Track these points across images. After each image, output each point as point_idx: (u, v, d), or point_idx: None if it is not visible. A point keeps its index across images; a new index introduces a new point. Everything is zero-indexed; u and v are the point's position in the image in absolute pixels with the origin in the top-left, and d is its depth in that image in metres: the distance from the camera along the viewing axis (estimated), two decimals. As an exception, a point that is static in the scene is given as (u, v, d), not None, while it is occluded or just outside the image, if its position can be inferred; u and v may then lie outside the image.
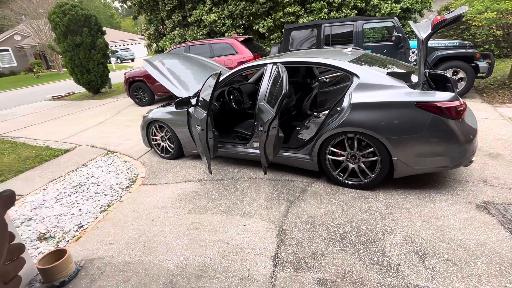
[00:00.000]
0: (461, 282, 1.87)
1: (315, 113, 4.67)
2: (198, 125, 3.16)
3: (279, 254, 2.28)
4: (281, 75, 2.72)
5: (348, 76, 3.03)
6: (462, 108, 2.59)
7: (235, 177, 3.63)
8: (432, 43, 5.95)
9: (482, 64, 5.61)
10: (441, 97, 2.59)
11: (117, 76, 16.15)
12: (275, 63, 3.29)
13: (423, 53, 2.64)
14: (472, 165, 3.26)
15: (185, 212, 2.99)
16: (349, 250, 2.24)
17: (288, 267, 2.14)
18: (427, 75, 3.14)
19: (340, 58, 3.20)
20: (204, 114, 3.06)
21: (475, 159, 3.39)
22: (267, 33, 10.68)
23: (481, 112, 4.97)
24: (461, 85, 5.80)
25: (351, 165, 3.03)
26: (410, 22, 3.03)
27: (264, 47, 10.16)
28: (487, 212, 2.51)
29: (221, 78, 3.63)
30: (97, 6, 54.65)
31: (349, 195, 2.97)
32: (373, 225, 2.49)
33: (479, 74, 5.74)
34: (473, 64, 5.64)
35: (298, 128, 3.92)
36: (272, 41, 10.42)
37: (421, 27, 2.74)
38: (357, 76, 2.91)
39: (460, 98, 2.66)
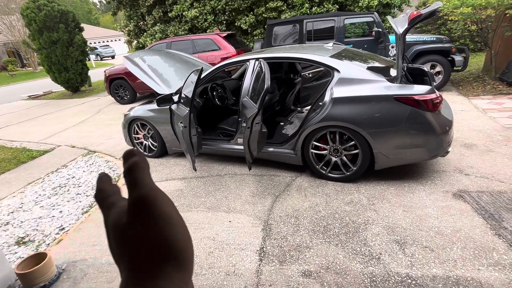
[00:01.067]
0: (438, 268, 1.96)
1: (299, 108, 4.71)
2: (181, 122, 3.13)
3: (264, 248, 2.30)
4: (263, 71, 2.72)
5: (329, 71, 3.07)
6: (438, 101, 2.68)
7: (220, 173, 3.62)
8: (410, 37, 6.11)
9: (458, 58, 5.82)
10: (418, 90, 2.67)
11: (97, 74, 15.66)
12: (257, 59, 3.28)
13: (401, 48, 2.71)
14: (449, 156, 3.39)
15: (170, 210, 2.96)
16: (332, 242, 2.29)
17: (273, 261, 2.17)
18: (405, 69, 3.23)
19: (321, 53, 3.23)
20: (187, 111, 3.03)
21: (452, 150, 3.52)
22: (249, 29, 10.64)
23: (457, 105, 5.16)
24: (438, 79, 5.99)
25: (333, 159, 3.08)
26: (388, 17, 3.10)
27: (248, 43, 10.12)
28: (463, 200, 2.62)
29: (203, 75, 3.60)
30: (74, 1, 52.68)
31: (333, 188, 3.03)
32: (356, 216, 2.56)
33: (455, 68, 5.94)
34: (449, 58, 5.83)
35: (282, 124, 3.95)
36: (255, 37, 10.39)
37: (399, 22, 2.81)
38: (338, 71, 2.95)
39: (436, 91, 2.75)
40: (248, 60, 3.45)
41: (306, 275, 2.02)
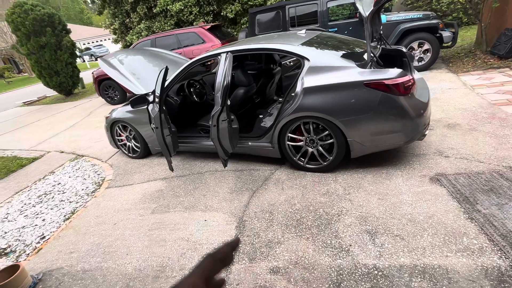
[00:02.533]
0: (406, 257, 1.93)
1: (280, 99, 4.63)
2: (152, 123, 3.09)
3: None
4: (225, 66, 2.66)
5: (299, 60, 2.99)
6: (410, 84, 2.60)
7: (201, 171, 3.61)
8: (396, 16, 5.92)
9: (446, 34, 5.62)
10: (388, 74, 2.58)
11: (91, 75, 15.61)
12: (227, 52, 3.20)
13: (369, 31, 2.61)
14: (430, 137, 3.32)
15: (148, 212, 2.97)
16: (304, 235, 2.27)
17: (243, 259, 2.16)
18: (379, 52, 3.12)
19: (292, 42, 3.13)
20: (157, 112, 2.99)
21: (434, 131, 3.44)
22: (237, 18, 10.42)
23: (445, 83, 5.03)
24: (427, 57, 5.82)
25: (310, 149, 3.04)
26: (356, 0, 2.98)
27: (236, 33, 9.93)
28: (439, 184, 2.57)
29: (177, 72, 3.53)
30: (65, 1, 52.12)
31: (310, 179, 2.99)
32: (330, 207, 2.52)
33: (444, 44, 5.76)
34: (437, 35, 5.65)
35: (261, 116, 3.89)
36: (243, 26, 10.18)
37: (365, 5, 2.69)
38: (308, 60, 2.87)
39: (408, 74, 2.66)
40: (219, 54, 3.37)
41: (274, 272, 2.01)
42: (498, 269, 1.73)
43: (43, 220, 3.25)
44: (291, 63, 4.88)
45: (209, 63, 5.19)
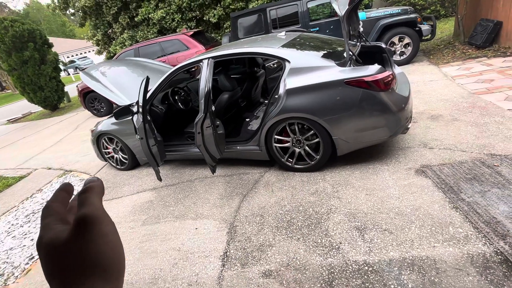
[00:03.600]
0: (395, 250, 1.95)
1: (266, 101, 4.65)
2: (137, 134, 3.07)
3: (228, 253, 2.29)
4: (207, 72, 2.66)
5: (281, 62, 3.01)
6: (389, 79, 2.64)
7: (190, 179, 3.59)
8: (376, 12, 6.02)
9: (425, 27, 5.74)
10: (368, 71, 2.62)
11: (76, 89, 15.39)
12: (208, 59, 3.20)
13: (346, 30, 2.64)
14: (414, 130, 3.37)
15: (138, 224, 2.93)
16: (294, 236, 2.28)
17: (236, 264, 2.16)
18: (357, 49, 3.17)
19: (272, 44, 3.16)
20: (141, 122, 2.97)
21: (418, 123, 3.50)
22: (220, 22, 10.44)
23: (427, 75, 5.13)
24: (408, 51, 5.93)
25: (297, 150, 3.05)
26: (331, 0, 3.01)
27: (219, 37, 9.94)
28: (425, 175, 2.61)
29: (160, 80, 3.51)
30: (47, 15, 51.37)
31: (299, 179, 3.01)
32: (319, 206, 2.54)
33: (423, 37, 5.87)
34: (416, 29, 5.76)
35: (247, 120, 3.90)
36: (226, 30, 10.20)
37: (341, 4, 2.73)
38: (288, 61, 2.89)
39: (387, 70, 2.71)
40: (201, 60, 3.37)
41: (266, 276, 2.01)
42: (483, 256, 1.77)
43: (32, 240, 3.18)
44: (275, 65, 4.91)
45: (193, 69, 5.18)
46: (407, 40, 5.86)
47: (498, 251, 1.77)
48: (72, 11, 11.42)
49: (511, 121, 3.12)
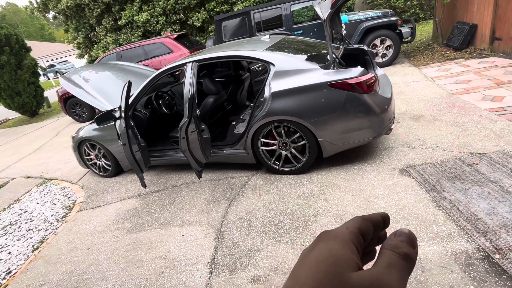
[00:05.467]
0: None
1: (252, 104, 4.64)
2: (120, 140, 2.99)
3: (215, 259, 2.25)
4: (191, 76, 2.63)
5: (265, 65, 3.01)
6: (372, 81, 2.68)
7: (176, 184, 3.53)
8: (357, 16, 6.13)
9: (405, 29, 5.90)
10: (351, 73, 2.65)
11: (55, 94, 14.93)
12: (192, 62, 3.17)
13: (329, 33, 2.67)
14: (397, 130, 3.44)
15: (123, 233, 2.85)
16: (282, 240, 2.27)
17: (223, 271, 2.12)
18: (340, 52, 3.21)
19: (256, 47, 3.15)
20: (123, 127, 2.90)
21: (400, 124, 3.58)
22: (205, 26, 10.38)
23: (408, 76, 5.26)
24: (389, 53, 6.07)
25: (283, 153, 3.05)
26: (314, 3, 3.05)
27: (204, 40, 9.88)
28: (408, 175, 2.66)
29: (143, 84, 3.44)
30: (24, 18, 49.74)
31: (286, 182, 3.00)
32: (306, 208, 2.54)
33: (404, 40, 6.03)
34: (397, 31, 5.90)
35: (233, 123, 3.87)
36: (211, 33, 10.16)
37: (324, 7, 2.76)
38: (273, 64, 2.89)
39: (370, 72, 2.75)
40: (185, 64, 3.33)
41: (255, 281, 1.98)
42: (466, 253, 1.81)
43: (9, 253, 3.04)
44: (260, 68, 4.91)
45: (177, 73, 5.12)
46: (388, 42, 6.00)
47: (480, 248, 1.81)
48: (53, 13, 11.07)
49: (488, 120, 3.23)
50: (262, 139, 3.06)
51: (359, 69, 2.69)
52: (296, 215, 2.50)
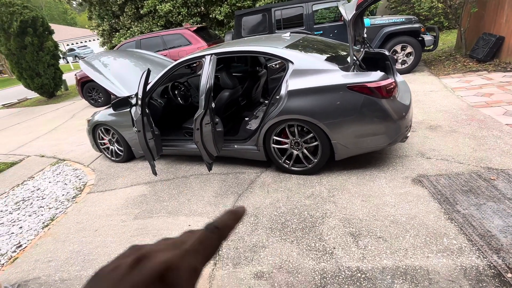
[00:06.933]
0: (389, 258, 1.95)
1: (266, 102, 4.63)
2: (134, 127, 3.03)
3: (220, 252, 2.26)
4: (209, 68, 2.63)
5: (284, 63, 2.99)
6: (392, 87, 2.63)
7: (186, 175, 3.55)
8: (380, 20, 6.03)
9: (428, 37, 5.77)
10: (371, 77, 2.61)
11: (74, 77, 15.22)
12: (211, 55, 3.17)
13: (352, 35, 2.63)
14: (412, 139, 3.38)
15: (130, 218, 2.89)
16: (288, 239, 2.26)
17: (227, 264, 2.13)
18: (362, 55, 3.16)
19: (276, 44, 3.13)
20: (139, 115, 2.93)
21: (416, 133, 3.51)
22: (225, 20, 10.38)
23: (427, 85, 5.15)
24: (410, 60, 5.95)
25: (295, 152, 3.04)
26: (339, 4, 3.01)
27: (223, 35, 9.89)
28: (421, 185, 2.61)
29: (161, 74, 3.47)
30: (48, 1, 50.80)
31: (295, 182, 2.99)
32: (314, 210, 2.53)
33: (425, 48, 5.90)
34: (419, 38, 5.78)
35: (246, 119, 3.87)
36: (230, 27, 10.16)
37: (348, 9, 2.72)
38: (292, 63, 2.87)
39: (390, 77, 2.70)
40: (204, 56, 3.33)
41: (258, 277, 1.98)
42: (476, 269, 1.76)
43: (20, 227, 3.13)
44: (277, 66, 4.89)
45: (194, 65, 5.14)
46: (409, 49, 5.88)
47: (491, 265, 1.77)
48: (79, 0, 11.27)
49: (509, 135, 3.14)
50: (274, 137, 3.05)
51: (379, 73, 2.64)
52: (304, 215, 2.49)
